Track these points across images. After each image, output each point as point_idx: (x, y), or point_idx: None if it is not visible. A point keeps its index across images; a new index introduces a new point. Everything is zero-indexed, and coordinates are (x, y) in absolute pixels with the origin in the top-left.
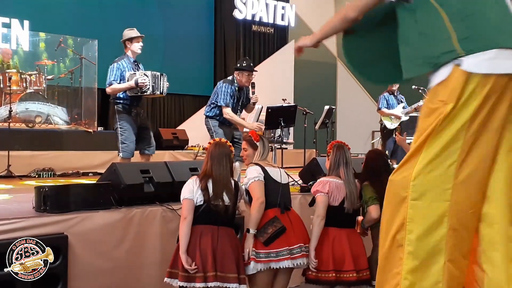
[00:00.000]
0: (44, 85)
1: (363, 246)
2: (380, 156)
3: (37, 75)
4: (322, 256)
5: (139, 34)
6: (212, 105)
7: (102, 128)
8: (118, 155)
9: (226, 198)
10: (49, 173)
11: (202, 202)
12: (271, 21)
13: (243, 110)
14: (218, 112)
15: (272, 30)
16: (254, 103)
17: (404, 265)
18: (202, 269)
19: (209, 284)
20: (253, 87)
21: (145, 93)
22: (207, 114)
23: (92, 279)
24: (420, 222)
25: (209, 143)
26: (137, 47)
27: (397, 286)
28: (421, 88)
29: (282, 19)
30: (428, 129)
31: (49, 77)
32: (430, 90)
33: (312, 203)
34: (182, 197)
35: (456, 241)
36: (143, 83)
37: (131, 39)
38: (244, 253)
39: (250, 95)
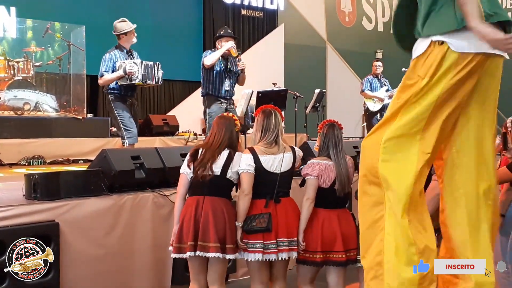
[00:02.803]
0: (32, 72)
1: (355, 225)
2: None
3: (25, 62)
4: (311, 238)
5: (132, 27)
6: (202, 81)
7: (92, 115)
8: (123, 143)
9: (213, 166)
10: (39, 160)
11: (191, 174)
12: (260, 5)
13: (236, 84)
14: (210, 85)
15: (262, 14)
16: (242, 70)
17: (386, 221)
18: (179, 240)
19: (184, 256)
20: (239, 55)
21: (135, 82)
22: (202, 94)
23: (84, 266)
24: (393, 181)
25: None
26: (132, 39)
27: (381, 241)
28: None
29: (271, 3)
30: (402, 101)
31: (37, 64)
32: (411, 62)
33: (303, 183)
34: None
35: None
36: (131, 70)
37: (126, 33)
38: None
39: (239, 67)
